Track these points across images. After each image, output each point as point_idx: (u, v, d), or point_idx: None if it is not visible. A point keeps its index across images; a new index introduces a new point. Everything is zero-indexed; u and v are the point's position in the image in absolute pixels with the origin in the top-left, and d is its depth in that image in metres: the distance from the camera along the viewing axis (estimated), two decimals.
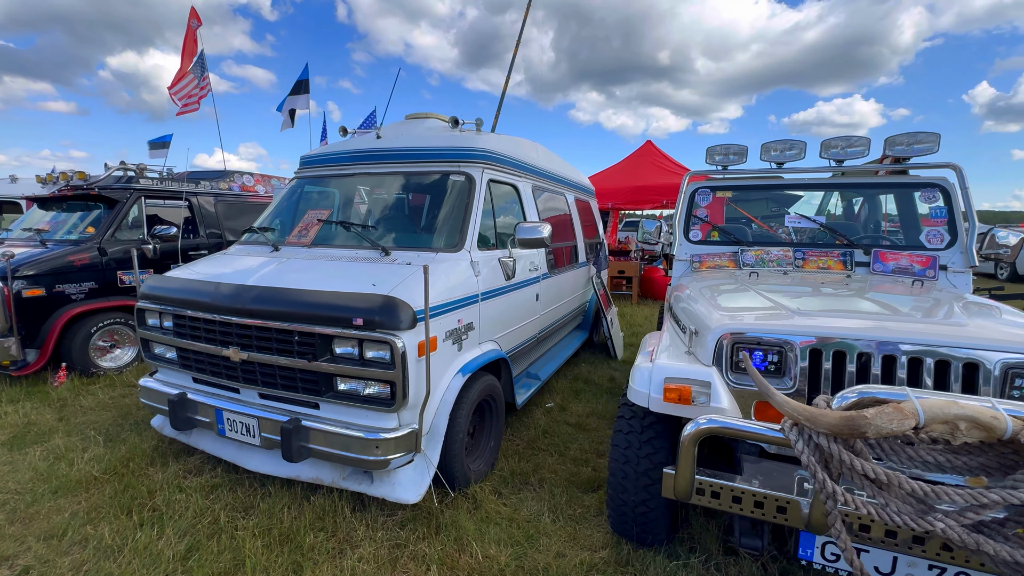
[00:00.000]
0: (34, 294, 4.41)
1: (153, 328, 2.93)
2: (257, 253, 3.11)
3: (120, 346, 5.05)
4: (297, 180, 3.73)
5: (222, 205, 6.13)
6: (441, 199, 3.19)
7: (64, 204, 5.42)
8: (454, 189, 3.15)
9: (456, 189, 3.15)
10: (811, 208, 3.85)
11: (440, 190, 3.21)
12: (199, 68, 9.60)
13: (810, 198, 3.80)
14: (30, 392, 4.30)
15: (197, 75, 9.59)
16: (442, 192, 3.19)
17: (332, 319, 2.29)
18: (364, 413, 2.38)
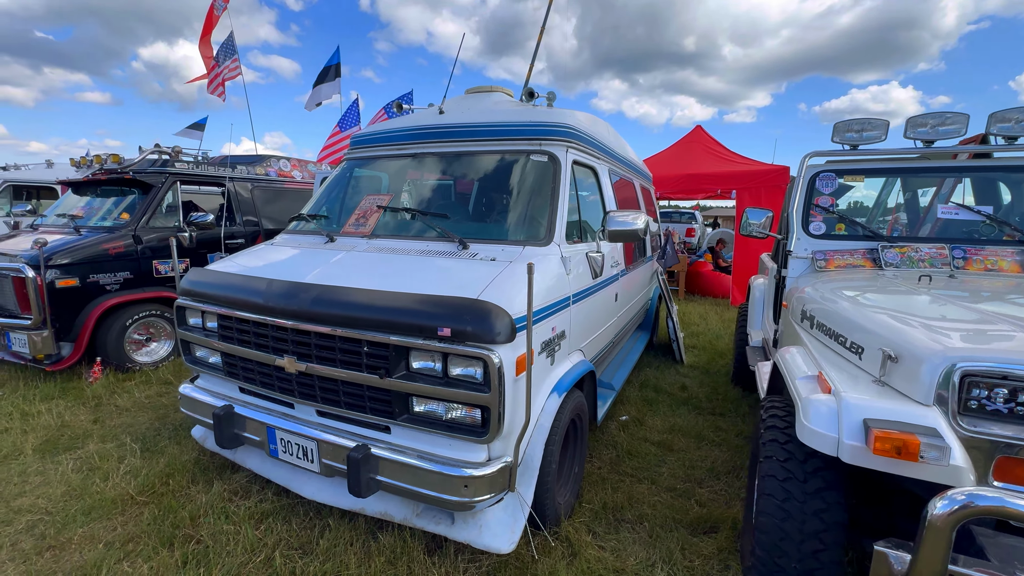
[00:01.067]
0: (68, 284, 4.14)
1: (194, 329, 2.57)
2: (309, 244, 2.71)
3: (156, 339, 4.79)
4: (348, 162, 3.32)
5: (259, 191, 5.80)
6: (520, 183, 2.73)
7: (98, 189, 5.15)
8: (535, 171, 2.69)
9: (537, 171, 2.68)
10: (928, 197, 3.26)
11: (518, 172, 2.74)
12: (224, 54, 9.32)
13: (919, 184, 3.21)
14: (64, 389, 4.05)
15: (221, 61, 9.31)
16: (521, 174, 2.73)
17: (411, 327, 1.87)
18: (446, 441, 1.96)
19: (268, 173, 5.99)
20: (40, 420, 3.47)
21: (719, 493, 2.69)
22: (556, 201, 2.53)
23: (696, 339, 6.06)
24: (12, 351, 4.11)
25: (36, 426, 3.38)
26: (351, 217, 2.79)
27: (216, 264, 2.67)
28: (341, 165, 3.37)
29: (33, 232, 4.77)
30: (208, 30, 9.08)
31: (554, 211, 2.50)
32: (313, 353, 2.08)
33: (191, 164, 5.16)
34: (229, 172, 5.51)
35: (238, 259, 2.70)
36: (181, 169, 5.04)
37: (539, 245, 2.37)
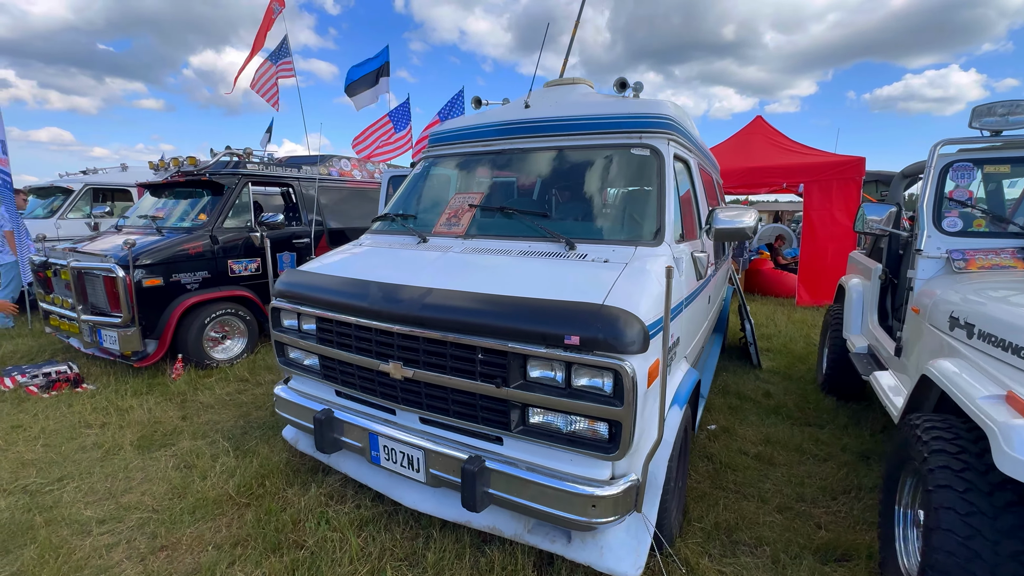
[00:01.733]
0: (153, 283, 4.28)
1: (289, 331, 2.55)
2: (402, 245, 2.65)
3: (230, 337, 4.91)
4: (426, 160, 3.25)
5: (322, 190, 5.87)
6: (621, 178, 2.57)
7: (173, 190, 5.34)
8: (637, 166, 2.53)
9: (640, 166, 2.52)
10: None
11: (618, 167, 2.59)
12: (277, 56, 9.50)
13: None
14: (151, 385, 4.19)
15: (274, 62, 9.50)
16: (622, 170, 2.58)
17: (533, 335, 1.75)
18: (566, 456, 1.84)
19: (331, 173, 6.06)
20: (134, 416, 3.59)
21: (840, 516, 2.46)
22: (664, 198, 2.37)
23: (768, 342, 5.73)
24: (103, 347, 4.29)
25: (131, 421, 3.49)
26: (442, 217, 2.70)
27: (310, 265, 2.65)
28: (420, 163, 3.30)
29: (117, 233, 4.97)
30: (263, 33, 9.30)
31: (663, 209, 2.34)
32: (421, 359, 2.00)
33: (261, 165, 5.26)
34: (296, 172, 5.60)
35: (329, 260, 2.67)
36: (252, 170, 5.14)
37: (651, 245, 2.21)
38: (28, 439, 3.23)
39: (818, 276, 7.80)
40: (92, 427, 3.43)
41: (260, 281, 5.08)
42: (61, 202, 7.21)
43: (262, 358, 4.95)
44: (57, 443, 3.18)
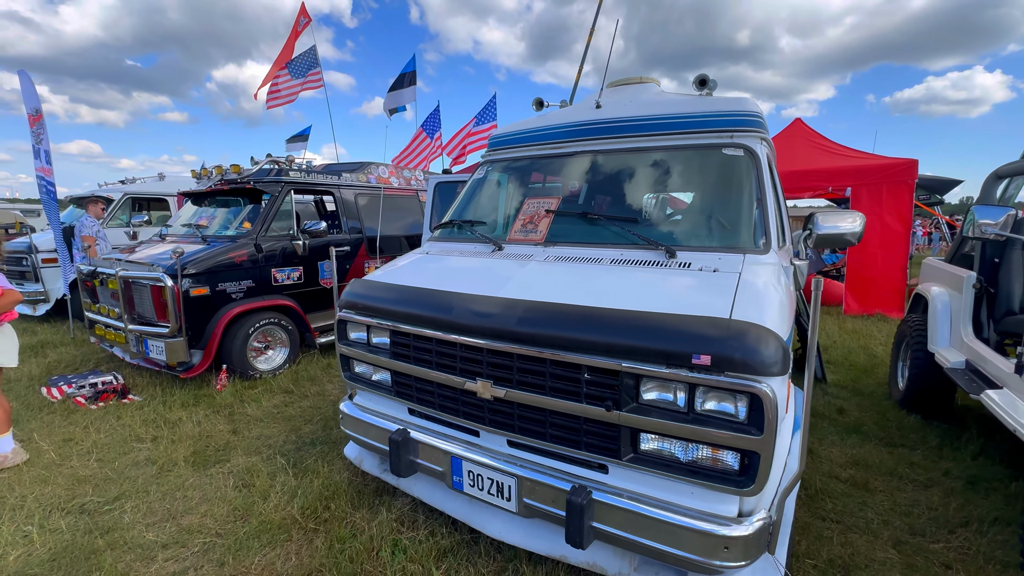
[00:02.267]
0: (200, 293, 4.21)
1: (357, 344, 2.41)
2: (475, 253, 2.50)
3: (273, 347, 4.82)
4: (489, 165, 3.11)
5: (362, 198, 5.79)
6: (713, 181, 2.39)
7: (217, 199, 5.31)
8: (731, 167, 2.34)
9: (734, 167, 2.33)
10: None
11: (710, 169, 2.41)
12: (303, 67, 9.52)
13: None
14: (197, 396, 4.10)
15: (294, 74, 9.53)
16: (713, 171, 2.39)
17: (653, 353, 1.57)
18: (684, 488, 1.65)
19: (369, 180, 5.98)
20: (183, 429, 3.50)
21: (966, 553, 2.22)
22: (766, 201, 2.18)
23: (826, 353, 5.44)
24: (149, 358, 4.23)
25: (182, 435, 3.39)
26: (516, 223, 2.55)
27: (378, 275, 2.51)
28: (482, 167, 3.16)
29: (161, 242, 4.94)
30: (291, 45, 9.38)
31: (766, 213, 2.15)
32: (514, 378, 1.84)
33: (303, 173, 5.20)
34: (336, 180, 5.53)
35: (399, 270, 2.53)
36: (295, 178, 5.08)
37: (759, 253, 2.02)
38: (81, 453, 3.15)
39: (868, 284, 7.47)
40: (143, 441, 3.34)
41: (302, 290, 5.00)
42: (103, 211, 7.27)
43: (304, 369, 4.85)
44: (110, 458, 3.09)
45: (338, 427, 3.50)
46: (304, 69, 9.38)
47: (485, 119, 10.22)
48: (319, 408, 3.93)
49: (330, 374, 4.76)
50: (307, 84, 9.36)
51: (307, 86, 9.37)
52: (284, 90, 8.90)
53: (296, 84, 9.19)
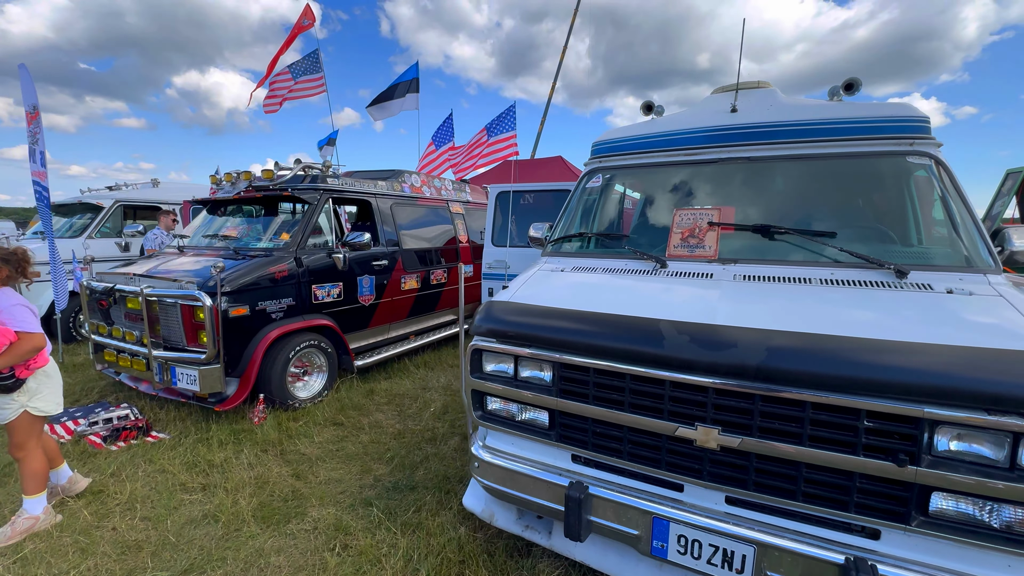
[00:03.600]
0: (239, 313, 3.71)
1: (497, 378, 2.04)
2: (634, 271, 2.18)
3: (311, 372, 4.33)
4: (601, 172, 2.81)
5: (397, 208, 5.38)
6: (902, 193, 2.16)
7: (235, 208, 4.80)
8: (922, 177, 2.12)
9: (925, 177, 2.12)
10: None
11: (894, 179, 2.18)
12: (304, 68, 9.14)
13: None
14: (235, 432, 3.58)
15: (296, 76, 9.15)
16: (900, 182, 2.17)
17: (975, 396, 1.29)
18: (1000, 562, 1.36)
19: (403, 189, 5.58)
20: (235, 474, 2.99)
21: None
22: (974, 214, 1.96)
23: None
24: (176, 388, 3.67)
25: (236, 483, 2.89)
26: (672, 237, 2.25)
27: (523, 297, 2.14)
28: (592, 175, 2.86)
29: (180, 255, 4.39)
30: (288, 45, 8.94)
31: (980, 227, 1.93)
32: (755, 424, 1.52)
33: (341, 180, 4.77)
34: (373, 188, 5.11)
35: (542, 290, 2.18)
36: (333, 185, 4.64)
37: (994, 272, 1.79)
38: (122, 509, 2.61)
39: None
40: (191, 491, 2.82)
41: (341, 308, 4.53)
42: (89, 220, 6.56)
43: (346, 396, 4.37)
44: (159, 515, 2.57)
45: (424, 469, 3.07)
46: (306, 72, 8.93)
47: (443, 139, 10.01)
48: (382, 443, 3.48)
49: (375, 402, 4.30)
50: (309, 88, 8.92)
51: (310, 91, 8.92)
52: (284, 92, 8.45)
53: (297, 87, 8.73)
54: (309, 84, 8.76)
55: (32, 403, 2.44)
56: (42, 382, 2.48)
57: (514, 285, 2.31)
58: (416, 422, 3.88)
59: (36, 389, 2.46)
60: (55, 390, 2.55)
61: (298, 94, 8.52)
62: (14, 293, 2.45)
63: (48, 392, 2.50)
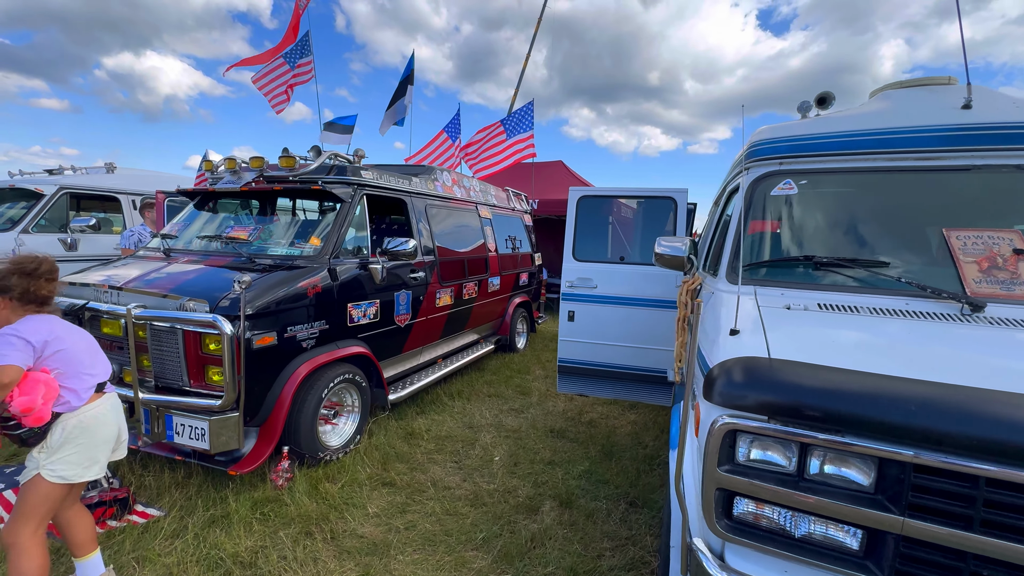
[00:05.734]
0: (264, 343, 2.80)
1: (765, 473, 1.36)
2: (928, 313, 1.57)
3: (341, 413, 3.44)
4: (788, 176, 2.20)
5: (432, 210, 4.56)
6: None
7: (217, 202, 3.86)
8: None
9: None
10: None
11: None
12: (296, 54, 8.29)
13: None
14: (258, 503, 2.66)
15: (291, 63, 8.27)
16: None
17: None
18: None
19: (436, 188, 4.77)
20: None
21: None
22: None
23: None
24: (172, 443, 2.70)
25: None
26: (966, 268, 1.66)
27: (782, 348, 1.47)
28: (771, 180, 2.24)
29: (168, 261, 3.38)
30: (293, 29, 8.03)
31: None
32: None
33: (375, 174, 3.91)
34: (408, 185, 4.28)
35: (800, 340, 1.52)
36: (368, 180, 3.78)
37: None
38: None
39: None
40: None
41: (376, 331, 3.67)
42: (24, 210, 5.25)
43: (381, 441, 3.52)
44: None
45: (539, 559, 2.32)
46: (301, 56, 7.95)
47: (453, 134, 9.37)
48: (461, 514, 2.69)
49: (423, 448, 3.48)
50: (304, 74, 7.94)
51: (304, 76, 7.94)
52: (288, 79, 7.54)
53: (297, 72, 7.78)
54: (303, 69, 7.83)
55: (50, 464, 1.77)
56: (71, 436, 1.81)
57: (746, 330, 1.63)
58: (486, 478, 3.11)
59: (59, 444, 1.79)
60: (90, 449, 1.86)
61: (297, 80, 7.60)
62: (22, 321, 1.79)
63: (76, 452, 1.82)
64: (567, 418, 4.18)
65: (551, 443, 3.65)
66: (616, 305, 3.35)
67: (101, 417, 1.90)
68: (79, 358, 1.86)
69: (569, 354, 3.51)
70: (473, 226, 5.29)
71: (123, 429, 2.04)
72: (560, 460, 3.37)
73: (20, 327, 1.75)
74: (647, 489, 2.99)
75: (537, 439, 3.72)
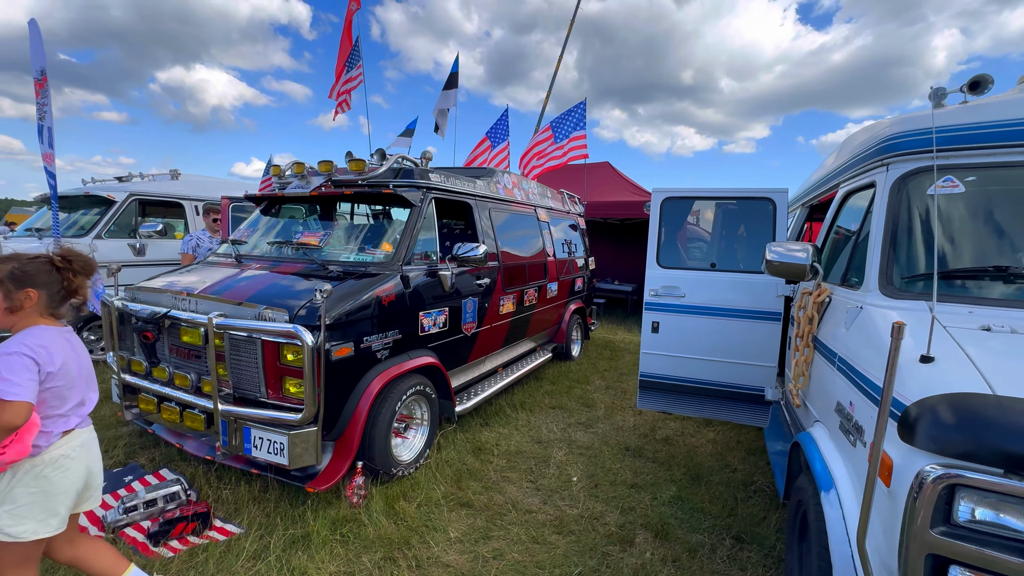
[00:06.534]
0: (343, 354, 2.68)
1: (1001, 541, 1.09)
2: None
3: (411, 427, 3.30)
4: (949, 172, 1.89)
5: (495, 214, 4.40)
6: None
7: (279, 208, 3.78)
8: None
9: None
10: None
11: None
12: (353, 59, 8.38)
13: None
14: (335, 523, 2.54)
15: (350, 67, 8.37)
16: None
17: None
18: None
19: (498, 191, 4.60)
20: None
21: None
22: None
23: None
24: (249, 456, 2.62)
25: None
26: None
27: (1006, 383, 1.20)
28: (922, 177, 1.94)
29: (239, 267, 3.33)
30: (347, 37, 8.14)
31: None
32: None
33: (442, 177, 3.78)
34: (473, 188, 4.13)
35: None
36: (437, 183, 3.65)
37: None
38: None
39: None
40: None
41: (444, 341, 3.52)
42: (97, 217, 5.41)
43: (455, 457, 3.36)
44: None
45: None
46: (356, 61, 8.04)
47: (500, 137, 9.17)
48: (549, 543, 2.48)
49: (494, 465, 3.30)
50: (356, 78, 8.01)
51: (356, 80, 8.01)
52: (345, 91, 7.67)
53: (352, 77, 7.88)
54: (356, 74, 7.91)
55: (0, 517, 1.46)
56: (23, 483, 1.49)
57: (944, 357, 1.36)
58: (567, 501, 2.89)
59: (5, 494, 1.48)
60: (46, 500, 1.52)
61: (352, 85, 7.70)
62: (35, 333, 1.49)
63: (27, 504, 1.49)
64: (640, 435, 3.92)
65: (630, 463, 3.40)
66: (707, 316, 3.07)
67: (62, 461, 1.54)
68: (68, 396, 1.55)
69: (652, 368, 3.25)
70: (533, 230, 5.10)
71: (95, 473, 1.67)
72: (643, 483, 3.12)
73: (34, 345, 1.44)
74: (750, 521, 2.70)
75: (613, 458, 3.48)
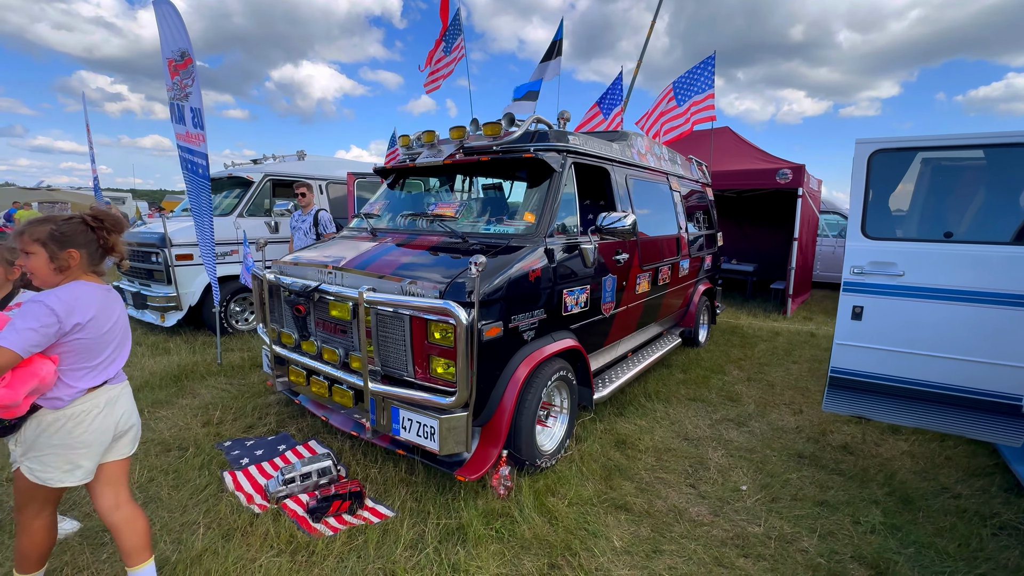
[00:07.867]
0: (493, 334, 2.45)
1: None
2: None
3: (552, 415, 3.03)
4: None
5: (631, 181, 3.92)
6: None
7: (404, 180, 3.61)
8: None
9: None
10: None
11: None
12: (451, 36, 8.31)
13: None
14: (487, 515, 2.33)
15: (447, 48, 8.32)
16: None
17: None
18: None
19: (632, 156, 4.11)
20: None
21: None
22: None
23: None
24: (396, 438, 2.50)
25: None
26: None
27: None
28: None
29: (375, 241, 3.24)
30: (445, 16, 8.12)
31: None
32: None
33: (580, 139, 3.38)
34: (610, 152, 3.68)
35: None
36: (576, 145, 3.26)
37: None
38: None
39: None
40: None
41: (585, 322, 3.18)
42: (238, 197, 5.80)
43: (597, 449, 3.04)
44: None
45: None
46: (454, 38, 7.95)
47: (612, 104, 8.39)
48: (733, 566, 2.07)
49: (642, 462, 2.93)
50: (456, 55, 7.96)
51: (456, 57, 7.95)
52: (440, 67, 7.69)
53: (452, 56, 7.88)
54: (456, 51, 7.84)
55: (27, 460, 1.58)
56: (46, 433, 1.56)
57: None
58: (742, 515, 2.44)
59: (32, 441, 1.57)
60: (67, 451, 1.58)
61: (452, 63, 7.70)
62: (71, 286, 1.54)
63: (51, 453, 1.57)
64: (808, 438, 3.31)
65: (808, 473, 2.85)
66: (937, 300, 2.39)
67: (82, 417, 1.58)
68: (98, 350, 1.59)
69: (849, 363, 2.64)
70: (666, 200, 4.55)
71: (128, 425, 1.71)
72: (835, 501, 2.57)
73: (65, 297, 1.48)
74: (1005, 569, 2.07)
75: (782, 464, 2.95)
